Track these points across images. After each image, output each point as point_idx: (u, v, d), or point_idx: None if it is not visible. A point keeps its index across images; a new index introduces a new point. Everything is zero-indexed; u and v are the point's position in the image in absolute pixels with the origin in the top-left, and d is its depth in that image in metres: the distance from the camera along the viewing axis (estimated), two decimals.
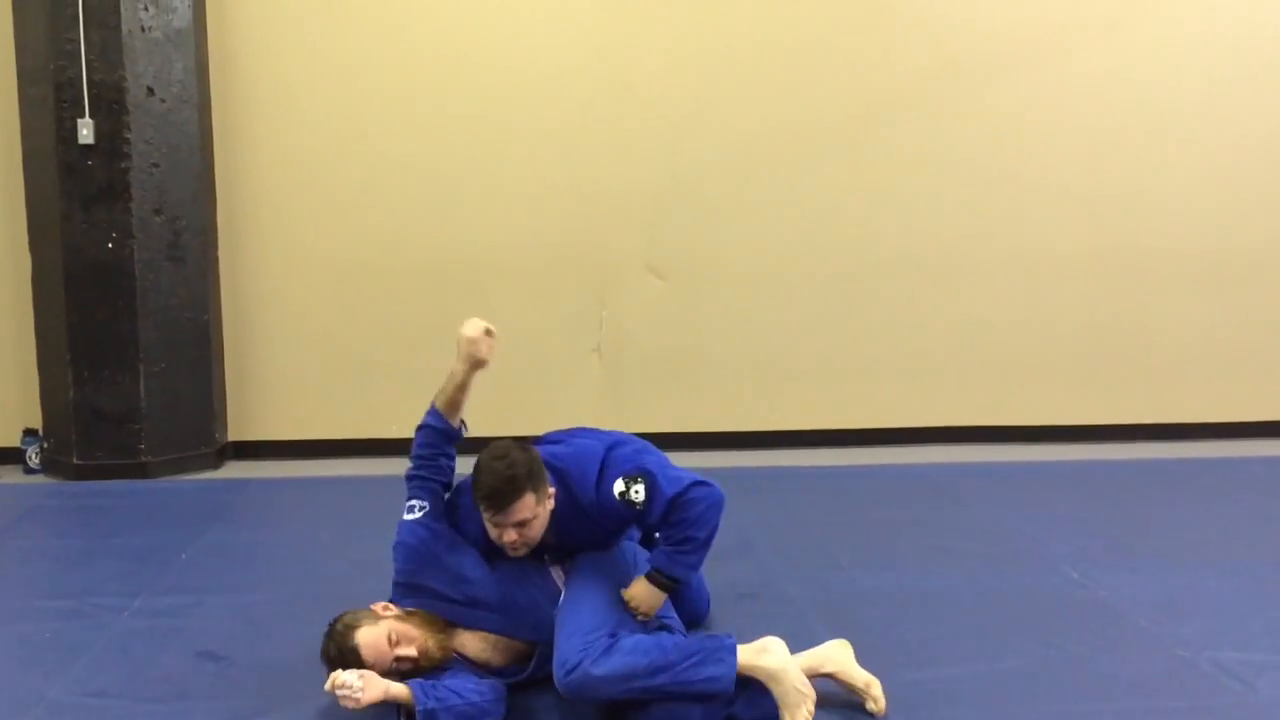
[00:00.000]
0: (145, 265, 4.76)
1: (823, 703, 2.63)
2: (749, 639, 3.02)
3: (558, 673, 2.51)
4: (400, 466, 3.01)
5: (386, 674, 2.56)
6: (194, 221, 4.89)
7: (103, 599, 3.37)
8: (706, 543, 2.71)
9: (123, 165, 4.66)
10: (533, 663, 2.74)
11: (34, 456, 4.98)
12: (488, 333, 2.87)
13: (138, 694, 2.76)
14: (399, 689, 2.51)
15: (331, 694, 2.47)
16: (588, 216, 5.22)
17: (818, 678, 2.66)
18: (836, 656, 2.71)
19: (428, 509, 2.86)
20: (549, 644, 2.65)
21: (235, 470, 5.08)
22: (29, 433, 5.02)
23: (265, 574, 3.64)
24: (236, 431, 5.24)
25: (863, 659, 2.77)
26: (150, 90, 4.67)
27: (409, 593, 2.80)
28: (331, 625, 2.68)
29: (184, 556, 3.78)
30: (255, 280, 5.17)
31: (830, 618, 3.22)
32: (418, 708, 2.48)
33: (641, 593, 2.71)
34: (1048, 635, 3.12)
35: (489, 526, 2.69)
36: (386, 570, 3.39)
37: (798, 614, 3.26)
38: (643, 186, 5.27)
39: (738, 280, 5.35)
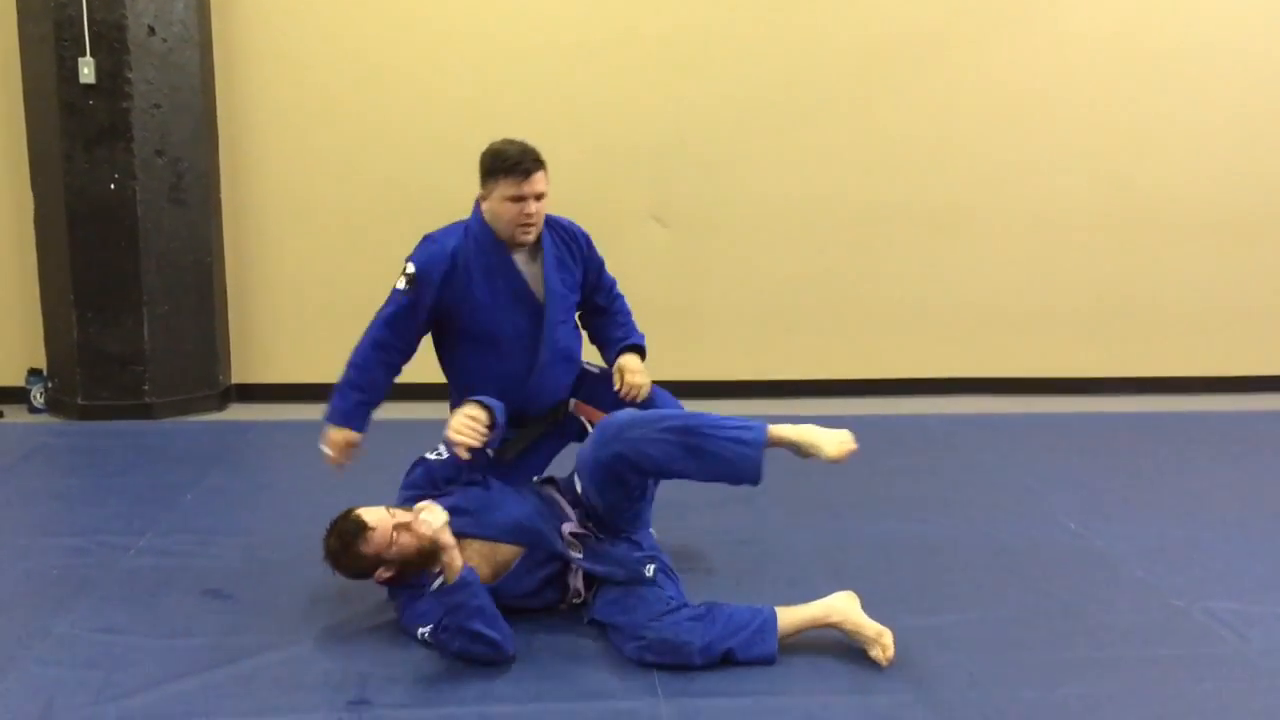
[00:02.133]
0: (147, 207, 4.74)
1: (828, 648, 2.68)
2: (749, 586, 3.07)
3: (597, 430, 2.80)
4: (400, 411, 3.04)
5: (384, 562, 2.70)
6: (196, 163, 4.87)
7: (109, 537, 3.41)
8: None
9: (124, 105, 4.63)
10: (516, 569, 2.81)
11: (39, 396, 5.00)
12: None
13: (144, 630, 2.79)
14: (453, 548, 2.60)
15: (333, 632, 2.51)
16: (593, 166, 5.19)
17: (824, 628, 2.70)
18: (842, 607, 2.73)
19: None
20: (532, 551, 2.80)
21: (239, 413, 5.10)
22: (33, 372, 5.04)
23: (270, 515, 3.67)
24: (240, 374, 5.26)
25: (862, 606, 2.82)
26: (151, 29, 4.63)
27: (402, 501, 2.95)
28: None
29: (189, 497, 3.81)
30: (258, 223, 5.16)
31: (829, 565, 3.25)
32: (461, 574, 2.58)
33: (633, 363, 3.17)
34: (1044, 584, 3.15)
35: (509, 205, 2.94)
36: None
37: (796, 561, 3.29)
38: (647, 137, 5.23)
39: (742, 230, 5.34)
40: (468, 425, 2.83)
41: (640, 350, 3.29)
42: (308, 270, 5.21)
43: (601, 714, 2.43)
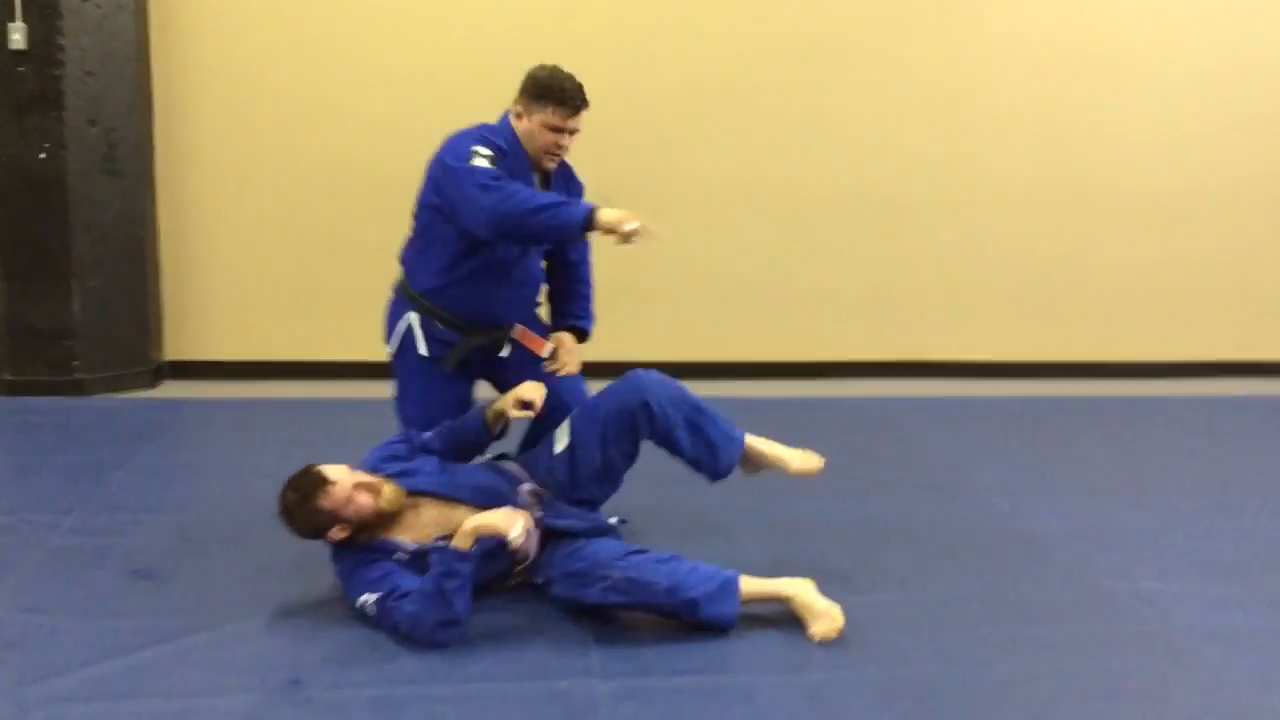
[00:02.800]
0: (79, 177, 4.63)
1: (767, 628, 2.70)
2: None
3: None
4: (342, 389, 3.00)
5: (340, 521, 2.66)
6: (130, 133, 4.76)
7: (34, 515, 3.33)
8: None
9: (55, 73, 4.51)
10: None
11: None
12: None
13: (72, 610, 2.74)
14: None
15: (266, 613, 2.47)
16: None
17: (779, 602, 2.74)
18: (801, 587, 2.75)
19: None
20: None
21: (172, 390, 5.01)
22: None
23: (201, 494, 3.61)
24: (174, 350, 5.17)
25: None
26: None
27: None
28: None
29: (118, 475, 3.74)
30: (194, 196, 5.06)
31: (765, 545, 3.28)
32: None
33: (572, 342, 3.27)
34: (976, 564, 3.20)
35: (546, 133, 3.02)
36: None
37: (733, 541, 3.32)
38: (593, 114, 5.18)
39: (686, 210, 5.33)
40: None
41: (585, 335, 3.32)
42: (245, 245, 5.13)
43: (539, 694, 2.42)
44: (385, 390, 3.24)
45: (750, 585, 2.74)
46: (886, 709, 2.39)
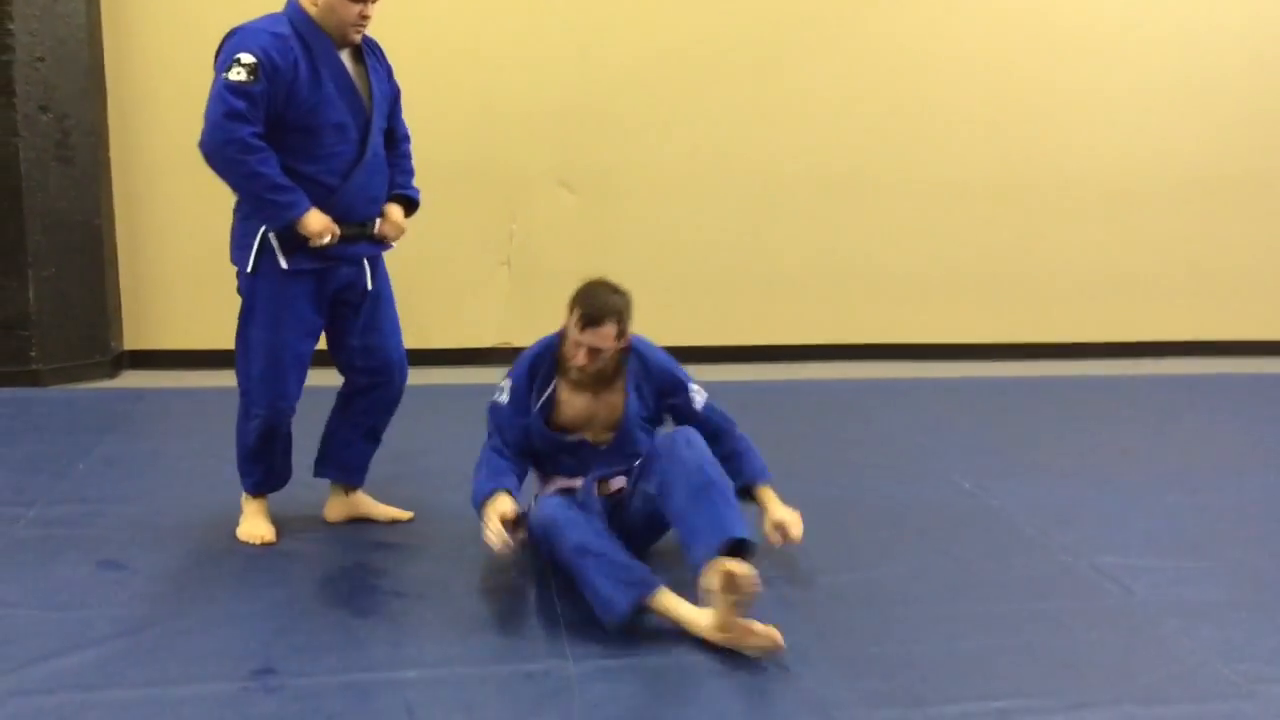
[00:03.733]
0: (32, 165, 4.54)
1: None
2: (656, 548, 3.10)
3: None
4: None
5: None
6: (83, 120, 4.67)
7: None
8: None
9: (5, 59, 4.42)
10: None
11: None
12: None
13: (36, 602, 2.71)
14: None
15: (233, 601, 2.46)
16: (499, 130, 5.14)
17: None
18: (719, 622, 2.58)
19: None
20: None
21: (132, 379, 4.95)
22: None
23: (164, 484, 3.58)
24: (132, 340, 5.10)
25: (763, 564, 2.87)
26: None
27: None
28: None
29: (80, 466, 3.69)
30: (150, 183, 4.99)
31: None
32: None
33: (398, 214, 3.11)
34: (940, 542, 3.25)
35: (349, 5, 2.82)
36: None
37: None
38: (554, 101, 5.19)
39: (648, 195, 5.33)
40: (497, 535, 2.72)
41: (413, 206, 3.17)
42: (204, 232, 5.03)
43: (511, 676, 2.44)
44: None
45: (668, 602, 2.63)
46: (855, 686, 2.43)
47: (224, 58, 2.80)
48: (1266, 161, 5.76)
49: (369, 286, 3.09)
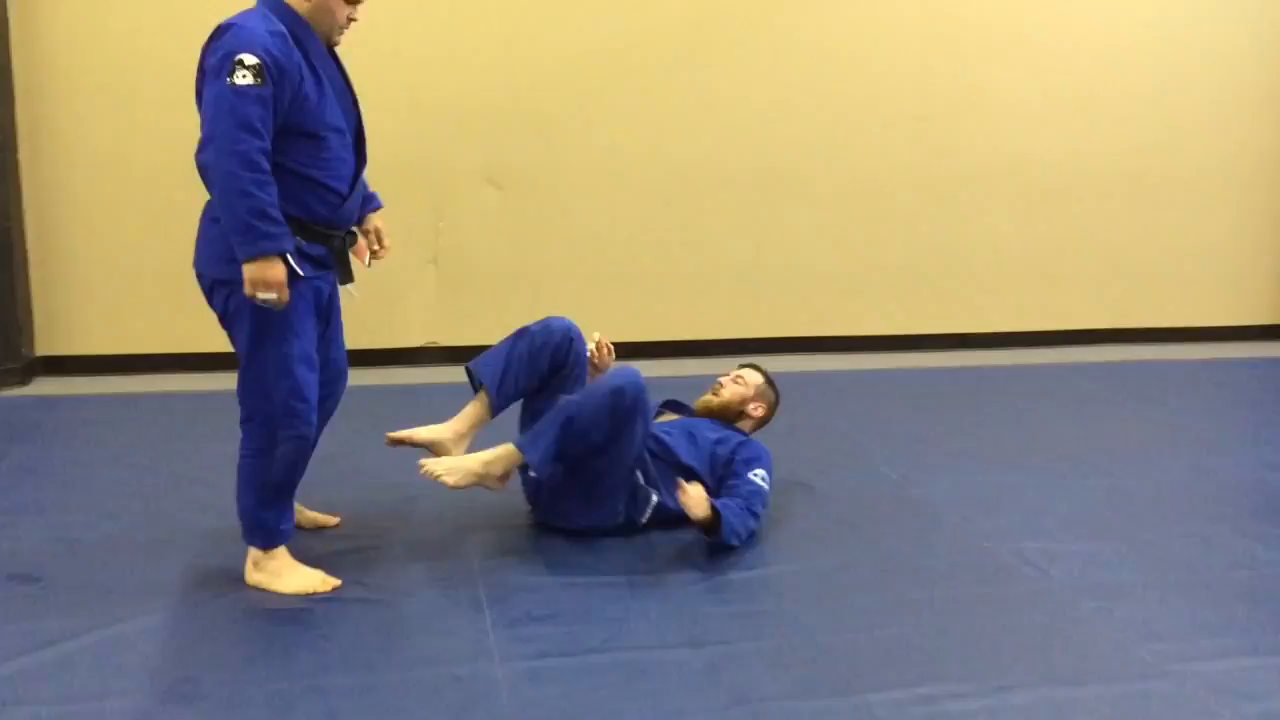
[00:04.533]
0: None
1: (666, 600, 2.73)
2: (579, 537, 3.09)
3: None
4: (221, 382, 2.91)
5: None
6: None
7: None
8: None
9: None
10: None
11: None
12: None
13: None
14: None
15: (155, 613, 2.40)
16: (425, 128, 5.08)
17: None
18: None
19: None
20: None
21: (45, 387, 4.82)
22: None
23: (80, 494, 3.49)
24: (45, 346, 4.96)
25: (692, 558, 2.98)
26: None
27: None
28: None
29: None
30: (62, 186, 4.85)
31: (663, 518, 3.31)
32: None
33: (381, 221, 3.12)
34: (868, 532, 3.29)
35: (343, 6, 2.72)
36: (203, 486, 3.33)
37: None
38: (481, 99, 5.15)
39: (575, 192, 5.33)
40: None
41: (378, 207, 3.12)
42: (118, 237, 4.94)
43: (437, 680, 2.42)
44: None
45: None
46: (782, 677, 2.45)
47: (219, 59, 2.53)
48: (1176, 155, 5.93)
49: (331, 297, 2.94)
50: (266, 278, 2.56)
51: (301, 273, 2.68)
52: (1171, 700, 2.39)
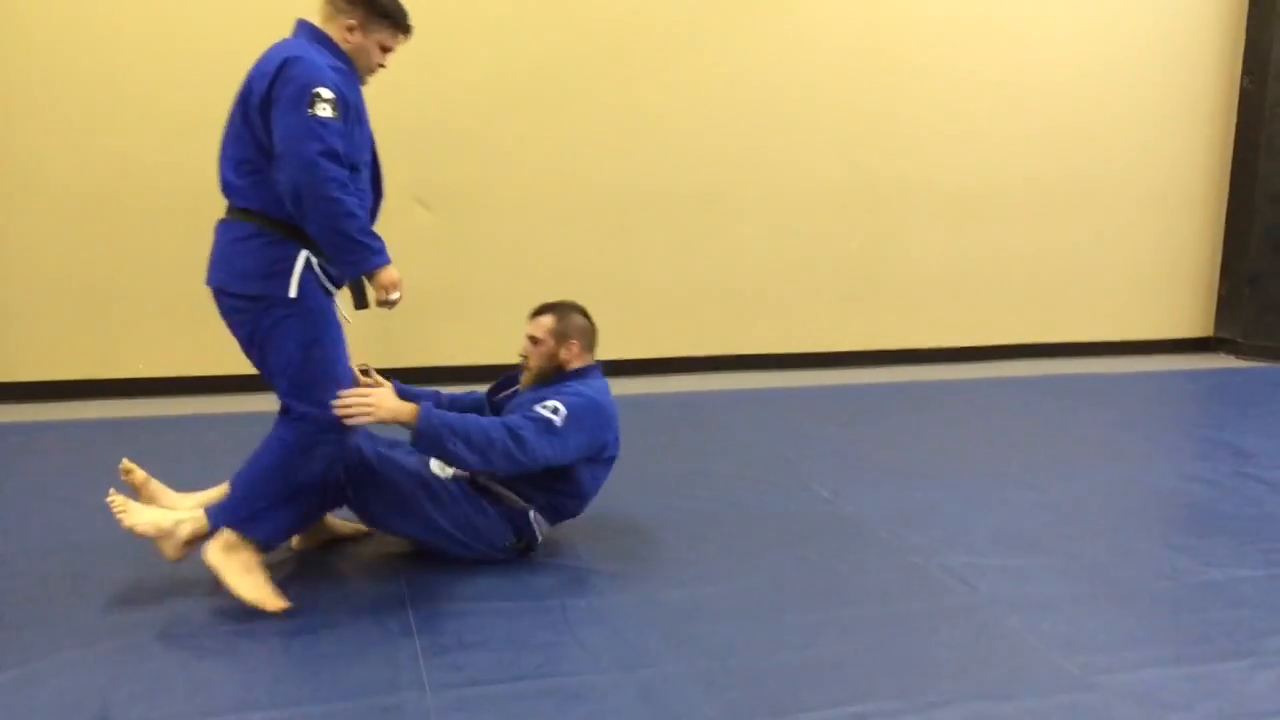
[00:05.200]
0: None
1: (597, 632, 2.70)
2: (510, 561, 3.07)
3: None
4: (146, 408, 2.85)
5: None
6: None
7: None
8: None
9: None
10: None
11: None
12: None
13: None
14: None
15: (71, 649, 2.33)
16: None
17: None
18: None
19: None
20: None
21: None
22: None
23: (9, 525, 3.38)
24: None
25: (625, 580, 2.97)
26: None
27: None
28: None
29: None
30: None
31: (592, 540, 3.30)
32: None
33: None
34: (799, 550, 3.30)
35: (379, 52, 2.95)
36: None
37: (562, 537, 3.32)
38: (409, 119, 5.11)
39: (506, 212, 5.31)
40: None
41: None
42: (38, 263, 4.82)
43: (367, 711, 2.37)
44: (193, 406, 3.09)
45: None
46: (716, 699, 2.44)
47: (297, 90, 2.66)
48: (1097, 172, 6.09)
49: None
50: (388, 282, 2.78)
51: (330, 287, 2.83)
52: (1098, 712, 2.42)
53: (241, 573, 2.80)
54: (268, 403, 3.10)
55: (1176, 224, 6.29)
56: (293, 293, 2.74)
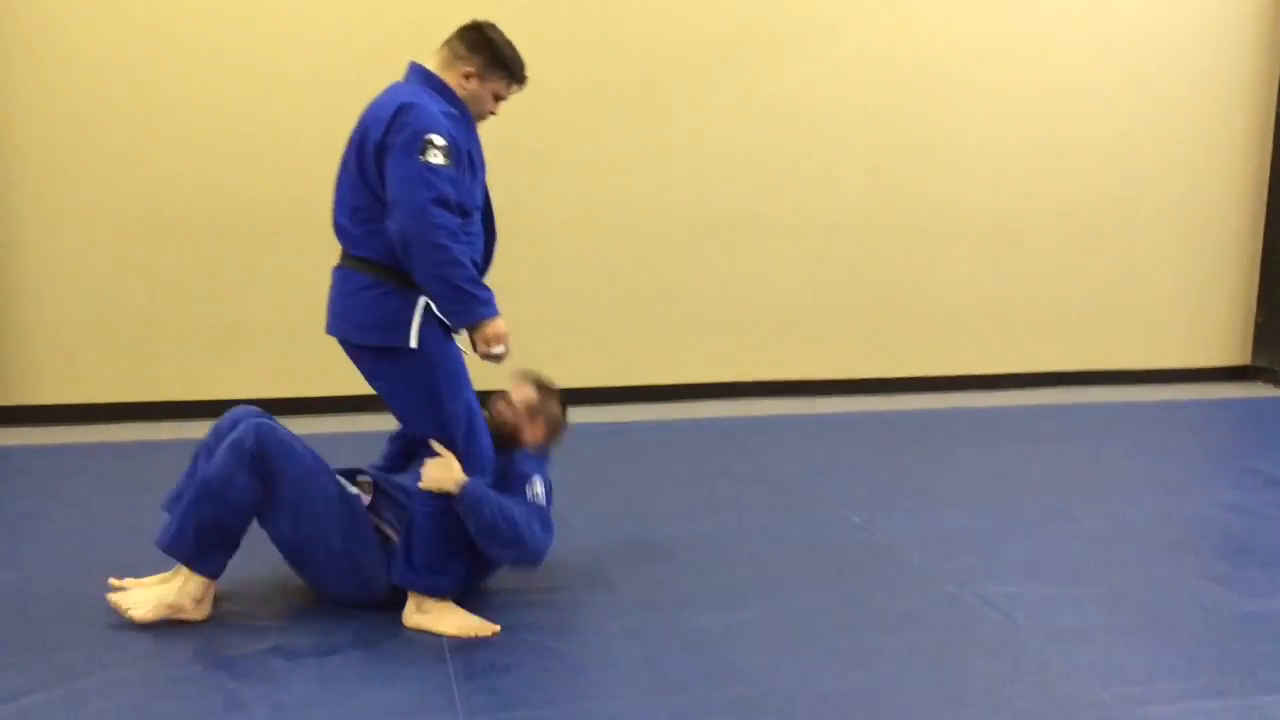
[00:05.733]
0: None
1: (630, 653, 2.70)
2: (544, 585, 3.07)
3: None
4: (182, 430, 2.88)
5: None
6: None
7: None
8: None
9: None
10: None
11: None
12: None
13: None
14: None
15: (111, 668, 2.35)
16: None
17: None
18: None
19: None
20: None
21: (1, 437, 4.73)
22: None
23: (34, 547, 3.42)
24: (2, 395, 4.88)
25: (658, 606, 2.94)
26: None
27: None
28: None
29: None
30: (20, 232, 4.81)
31: (626, 566, 3.30)
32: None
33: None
34: (831, 577, 3.29)
35: (492, 101, 2.99)
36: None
37: (595, 562, 3.33)
38: None
39: (535, 234, 5.32)
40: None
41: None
42: (78, 284, 4.89)
43: None
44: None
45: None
46: None
47: (410, 136, 2.69)
48: (1133, 200, 6.05)
49: None
50: (493, 335, 2.78)
51: (450, 334, 2.86)
52: None
53: (445, 619, 2.86)
54: (303, 426, 3.13)
55: (1213, 250, 6.25)
56: (413, 343, 2.76)
